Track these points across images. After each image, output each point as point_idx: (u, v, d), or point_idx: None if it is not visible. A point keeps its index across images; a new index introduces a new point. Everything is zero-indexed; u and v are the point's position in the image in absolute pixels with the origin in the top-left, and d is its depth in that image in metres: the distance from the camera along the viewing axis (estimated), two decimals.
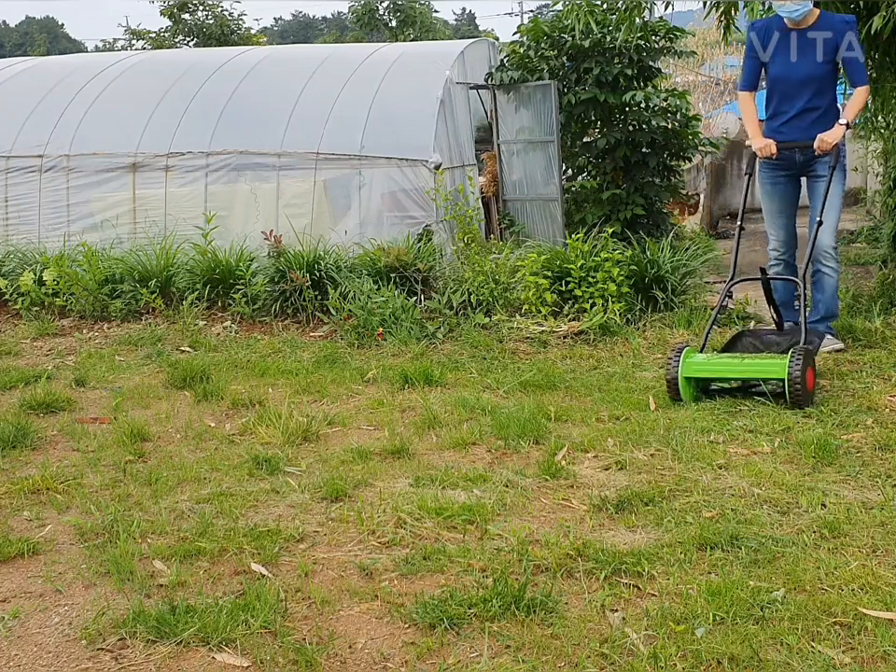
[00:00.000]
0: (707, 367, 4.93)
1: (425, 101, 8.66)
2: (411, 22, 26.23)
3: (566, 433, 4.52)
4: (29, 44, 60.87)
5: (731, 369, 4.90)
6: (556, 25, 9.13)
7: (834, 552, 3.15)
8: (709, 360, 4.98)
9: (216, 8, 25.05)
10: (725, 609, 2.79)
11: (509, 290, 6.87)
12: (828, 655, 2.57)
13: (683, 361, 4.90)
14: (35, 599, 3.12)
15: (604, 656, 2.64)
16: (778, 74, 5.53)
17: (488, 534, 3.42)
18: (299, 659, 2.68)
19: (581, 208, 9.26)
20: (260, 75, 9.46)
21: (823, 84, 5.49)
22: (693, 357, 4.95)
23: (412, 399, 5.17)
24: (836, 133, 5.37)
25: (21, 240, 8.56)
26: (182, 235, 7.92)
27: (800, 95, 5.49)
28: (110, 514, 3.68)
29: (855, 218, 11.87)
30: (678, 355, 4.94)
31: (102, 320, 7.40)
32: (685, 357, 4.92)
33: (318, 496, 3.87)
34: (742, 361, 4.86)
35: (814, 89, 5.47)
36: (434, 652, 2.71)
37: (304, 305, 7.05)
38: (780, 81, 5.54)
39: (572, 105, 9.02)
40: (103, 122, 9.13)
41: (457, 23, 58.14)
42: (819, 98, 5.49)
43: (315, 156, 8.47)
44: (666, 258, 6.88)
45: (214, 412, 5.14)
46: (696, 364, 4.92)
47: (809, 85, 5.47)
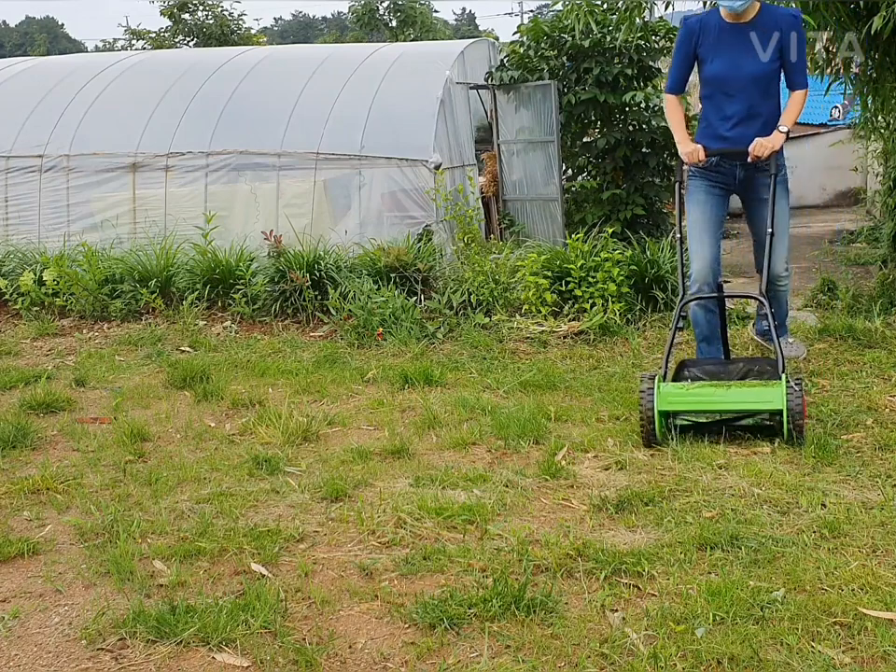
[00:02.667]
0: (687, 398, 4.20)
1: (425, 101, 8.66)
2: (411, 22, 26.22)
3: (566, 433, 4.52)
4: (29, 44, 60.89)
5: (717, 399, 4.19)
6: (556, 25, 9.14)
7: (834, 552, 3.15)
8: (688, 390, 4.24)
9: (216, 8, 25.06)
10: (725, 609, 2.79)
11: (509, 290, 6.87)
12: (828, 655, 2.57)
13: (658, 392, 4.16)
14: (35, 599, 3.12)
15: (604, 656, 2.64)
16: (718, 73, 4.86)
17: (488, 534, 3.42)
18: (299, 659, 2.68)
19: (580, 208, 9.26)
20: (260, 75, 9.47)
21: (769, 86, 4.87)
22: (666, 388, 4.21)
23: (412, 399, 5.17)
24: (776, 139, 4.76)
25: (20, 240, 8.56)
26: (182, 235, 7.91)
27: (742, 98, 4.83)
28: (110, 514, 3.68)
29: (855, 218, 11.86)
30: (650, 384, 4.18)
31: (102, 320, 7.40)
32: (659, 387, 4.18)
33: (318, 496, 3.87)
34: (729, 391, 4.18)
35: (759, 91, 4.84)
36: (434, 652, 2.71)
37: (304, 305, 7.05)
38: (720, 82, 4.86)
39: (572, 105, 9.03)
40: (103, 122, 9.13)
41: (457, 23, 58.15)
42: (765, 102, 4.86)
43: (315, 156, 8.47)
44: (666, 258, 6.87)
45: (214, 412, 5.14)
46: (674, 395, 4.18)
47: (754, 86, 4.83)
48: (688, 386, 4.26)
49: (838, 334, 5.88)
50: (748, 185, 5.02)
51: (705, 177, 5.00)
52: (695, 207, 5.03)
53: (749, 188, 5.03)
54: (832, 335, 5.91)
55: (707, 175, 5.00)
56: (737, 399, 4.18)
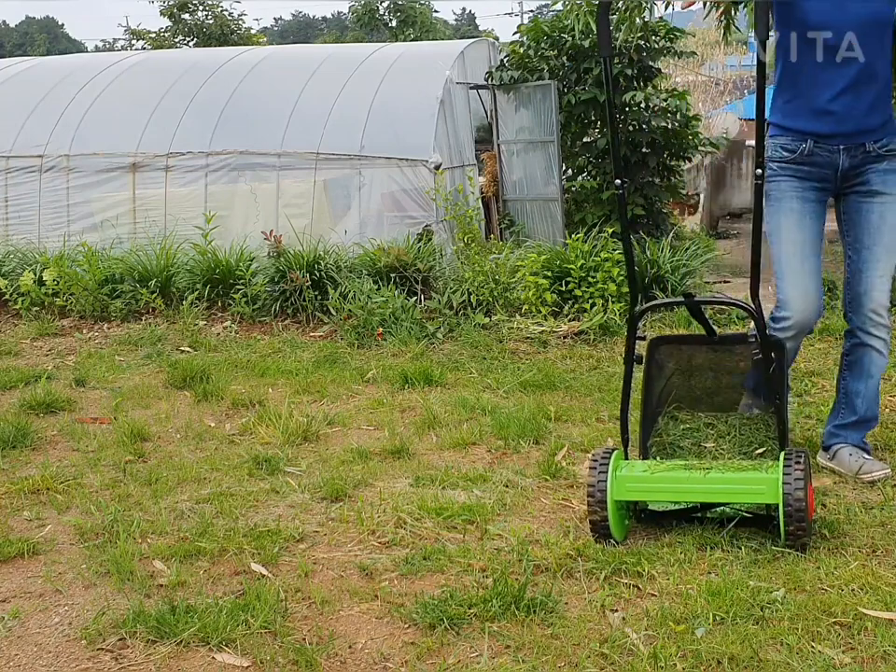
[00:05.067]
0: (649, 484, 3.21)
1: (425, 101, 8.66)
2: (411, 22, 26.23)
3: (566, 433, 4.52)
4: (29, 44, 60.90)
5: (686, 487, 3.17)
6: (556, 25, 9.13)
7: (834, 552, 3.15)
8: (651, 472, 3.21)
9: (216, 8, 25.09)
10: (725, 609, 2.79)
11: (509, 290, 6.87)
12: (828, 655, 2.57)
13: (613, 474, 3.18)
14: (35, 599, 3.12)
15: (604, 656, 2.63)
16: (815, 16, 3.37)
17: (488, 534, 3.42)
18: (299, 659, 2.68)
19: (581, 208, 9.25)
20: (260, 75, 9.46)
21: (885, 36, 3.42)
22: (625, 469, 3.24)
23: (412, 399, 5.17)
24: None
25: (20, 240, 8.56)
26: (182, 235, 7.91)
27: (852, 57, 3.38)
28: (110, 514, 3.68)
29: None
30: (604, 464, 3.20)
31: (102, 320, 7.40)
32: (615, 468, 3.21)
33: (318, 496, 3.87)
34: (706, 476, 3.14)
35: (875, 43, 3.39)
36: (434, 652, 2.71)
37: (304, 305, 7.05)
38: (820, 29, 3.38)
39: (572, 105, 9.02)
40: (103, 122, 9.13)
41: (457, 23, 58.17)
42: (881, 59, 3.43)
43: (314, 156, 8.47)
44: (666, 258, 6.88)
45: (214, 412, 5.14)
46: (634, 479, 3.21)
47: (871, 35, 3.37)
48: (651, 466, 3.26)
49: (838, 334, 5.88)
50: (852, 178, 3.60)
51: (794, 174, 3.59)
52: (786, 221, 3.59)
53: (855, 182, 3.61)
54: (832, 335, 5.91)
55: (798, 171, 3.58)
56: (715, 489, 3.15)
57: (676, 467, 3.25)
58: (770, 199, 3.61)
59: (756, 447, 3.48)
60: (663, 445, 3.56)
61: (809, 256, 3.56)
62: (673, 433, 3.60)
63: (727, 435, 3.55)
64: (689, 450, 3.50)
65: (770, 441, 3.47)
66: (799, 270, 3.54)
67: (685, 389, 3.67)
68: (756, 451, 3.46)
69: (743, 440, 3.52)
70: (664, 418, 3.65)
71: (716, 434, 3.57)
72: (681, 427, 3.62)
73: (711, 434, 3.58)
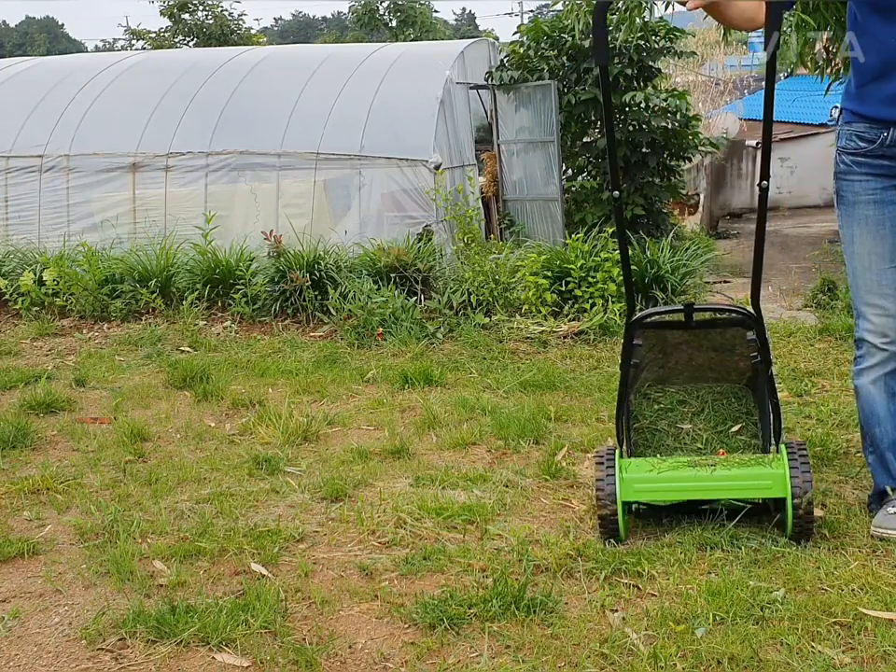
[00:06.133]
0: (656, 484, 3.21)
1: (425, 101, 8.66)
2: (411, 22, 26.24)
3: (566, 433, 4.52)
4: (29, 44, 60.90)
5: (694, 486, 3.20)
6: (556, 25, 9.13)
7: (834, 552, 3.15)
8: (658, 472, 3.21)
9: (216, 8, 25.09)
10: (725, 609, 2.79)
11: (509, 290, 6.87)
12: (828, 655, 2.56)
13: (620, 475, 3.19)
14: (35, 599, 3.12)
15: (604, 656, 2.63)
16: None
17: (488, 534, 3.42)
18: (299, 659, 2.68)
19: (581, 208, 9.26)
20: (260, 75, 9.46)
21: None
22: (631, 469, 3.23)
23: (411, 399, 5.17)
24: None
25: (20, 240, 8.56)
26: (182, 235, 7.91)
27: None
28: (110, 514, 3.68)
29: None
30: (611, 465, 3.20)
31: (102, 320, 7.40)
32: (621, 469, 3.21)
33: (318, 496, 3.88)
34: (712, 473, 3.16)
35: None
36: (434, 652, 2.71)
37: (304, 305, 7.05)
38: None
39: (572, 105, 9.03)
40: (103, 122, 9.12)
41: (457, 23, 58.18)
42: None
43: (314, 156, 8.47)
44: (666, 258, 6.87)
45: (214, 412, 5.14)
46: (641, 480, 3.21)
47: None
48: (657, 465, 3.24)
49: (838, 334, 5.88)
50: None
51: (871, 172, 3.10)
52: (863, 227, 3.14)
53: None
54: (832, 335, 5.91)
55: (877, 167, 3.09)
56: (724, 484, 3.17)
57: (681, 465, 3.23)
58: (842, 202, 3.18)
59: (731, 424, 3.50)
60: (640, 430, 3.53)
61: (887, 271, 3.13)
62: (648, 415, 3.56)
63: (701, 413, 3.53)
64: (666, 432, 3.51)
65: (744, 416, 3.48)
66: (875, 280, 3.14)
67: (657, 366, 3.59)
68: (731, 429, 3.49)
69: (717, 417, 3.52)
70: (636, 397, 3.58)
71: (690, 413, 3.53)
72: (655, 408, 3.58)
73: (686, 413, 3.55)
